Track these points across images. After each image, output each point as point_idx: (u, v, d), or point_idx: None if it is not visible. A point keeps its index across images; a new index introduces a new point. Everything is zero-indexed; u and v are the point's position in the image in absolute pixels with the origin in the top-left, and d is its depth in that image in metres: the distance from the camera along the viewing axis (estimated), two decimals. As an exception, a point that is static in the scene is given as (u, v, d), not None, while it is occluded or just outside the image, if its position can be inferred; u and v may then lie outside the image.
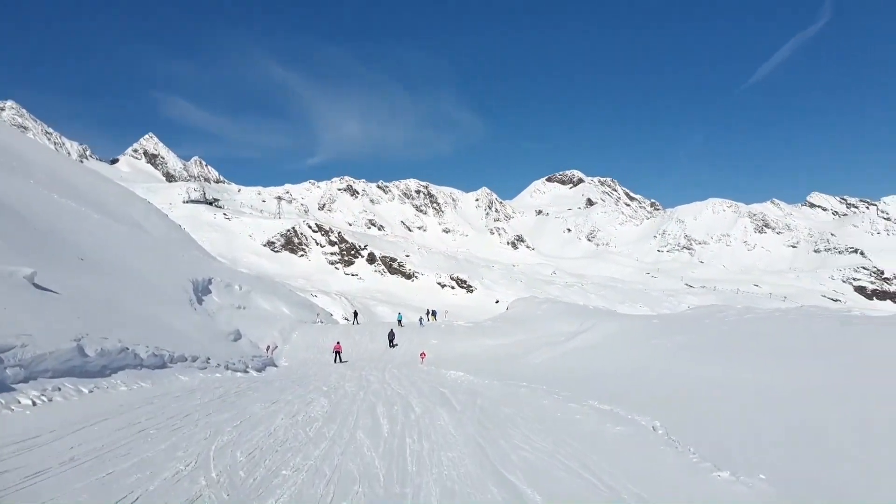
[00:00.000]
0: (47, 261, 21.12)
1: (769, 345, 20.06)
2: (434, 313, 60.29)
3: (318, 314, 56.07)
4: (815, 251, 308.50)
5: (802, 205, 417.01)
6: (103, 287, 21.63)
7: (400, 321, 57.73)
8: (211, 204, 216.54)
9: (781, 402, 13.98)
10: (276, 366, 29.64)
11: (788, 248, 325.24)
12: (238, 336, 30.11)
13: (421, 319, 54.78)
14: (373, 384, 20.04)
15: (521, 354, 31.71)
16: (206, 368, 19.63)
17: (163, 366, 17.12)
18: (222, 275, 42.40)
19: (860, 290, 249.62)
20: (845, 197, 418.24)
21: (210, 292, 36.09)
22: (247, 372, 23.10)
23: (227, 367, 21.39)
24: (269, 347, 33.08)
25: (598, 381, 20.28)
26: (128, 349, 15.74)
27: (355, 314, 69.66)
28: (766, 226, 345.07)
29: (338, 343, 35.32)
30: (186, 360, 18.93)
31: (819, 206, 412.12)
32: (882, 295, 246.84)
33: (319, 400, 15.16)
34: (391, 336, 41.88)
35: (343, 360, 34.10)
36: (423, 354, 33.03)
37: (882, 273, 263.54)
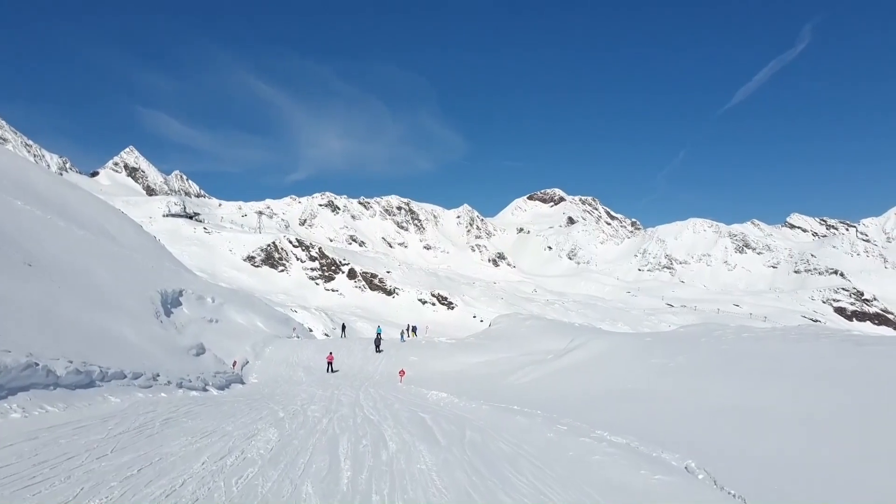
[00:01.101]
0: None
1: (780, 366, 18.48)
2: (415, 329, 58.79)
3: (293, 329, 54.90)
4: (796, 272, 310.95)
5: (782, 226, 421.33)
6: (43, 295, 19.69)
7: (379, 334, 56.74)
8: (191, 218, 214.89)
9: (827, 433, 12.32)
10: (242, 383, 27.88)
11: (769, 268, 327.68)
12: (201, 350, 28.10)
13: (402, 334, 53.73)
14: (343, 407, 17.97)
15: (507, 373, 30.06)
16: (150, 387, 17.15)
17: (89, 384, 14.42)
18: (194, 287, 40.95)
19: (840, 311, 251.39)
20: (825, 218, 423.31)
21: (180, 304, 34.64)
22: (205, 390, 21.18)
23: (179, 385, 19.27)
24: (235, 363, 31.11)
25: (599, 405, 18.31)
26: (37, 364, 12.78)
27: (343, 327, 68.97)
28: (747, 246, 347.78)
29: (330, 354, 37.15)
30: (126, 377, 16.25)
31: (799, 227, 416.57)
32: (861, 316, 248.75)
33: (267, 431, 12.29)
34: (377, 342, 44.13)
35: (335, 370, 35.83)
36: (402, 372, 31.25)
37: (861, 294, 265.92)
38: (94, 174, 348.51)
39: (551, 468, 10.88)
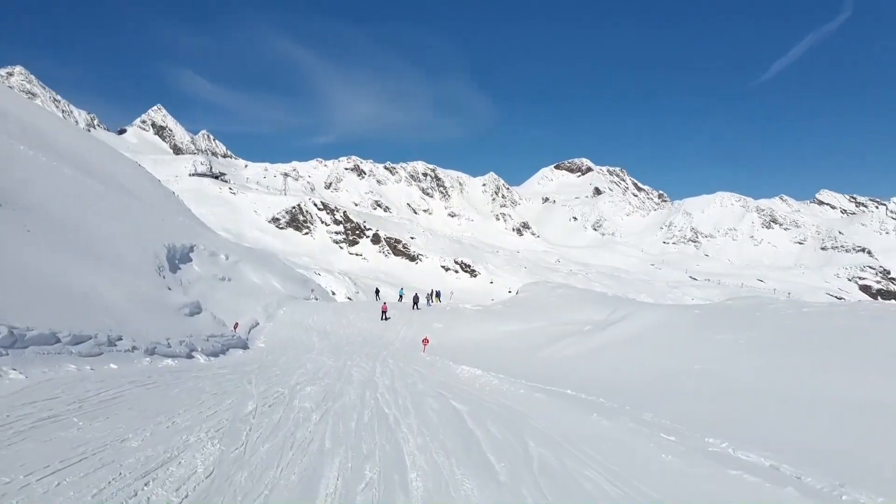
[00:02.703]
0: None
1: (878, 350, 15.31)
2: (438, 294, 55.63)
3: (312, 290, 53.56)
4: (822, 248, 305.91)
5: (811, 202, 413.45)
6: (8, 244, 17.53)
7: (401, 297, 55.17)
8: (217, 178, 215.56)
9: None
10: (246, 347, 25.16)
11: (795, 244, 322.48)
12: (197, 310, 25.05)
13: (428, 298, 51.65)
14: (351, 388, 14.41)
15: (543, 344, 26.95)
16: (98, 355, 13.72)
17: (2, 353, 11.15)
18: (207, 243, 39.46)
19: (865, 288, 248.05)
20: (855, 196, 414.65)
21: (190, 260, 33.05)
22: (190, 357, 18.24)
23: (150, 352, 16.01)
24: (237, 325, 28.38)
25: (676, 391, 14.43)
26: None
27: (377, 292, 68.95)
28: (774, 221, 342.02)
29: (385, 304, 41.28)
30: (58, 341, 12.97)
31: (828, 204, 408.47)
32: (887, 294, 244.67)
33: (203, 449, 7.88)
34: (415, 299, 45.75)
35: (388, 317, 38.83)
36: (425, 341, 28.14)
37: (888, 273, 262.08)
38: (122, 132, 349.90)
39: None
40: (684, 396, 14.06)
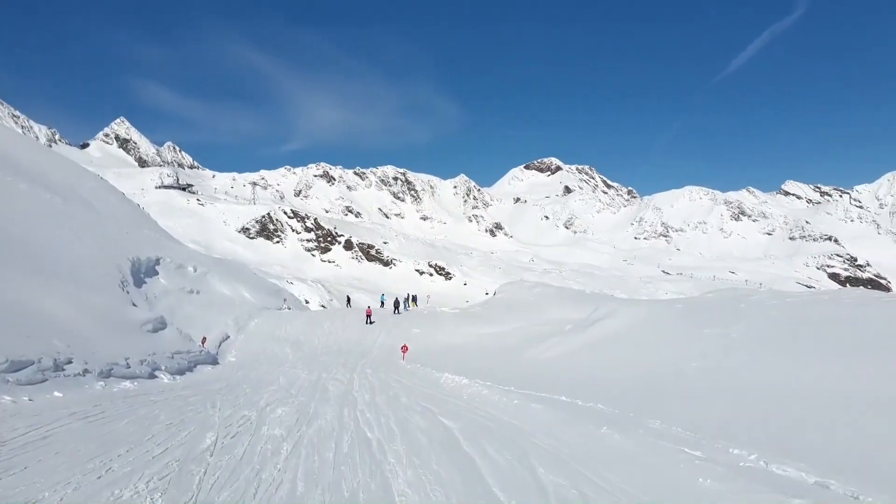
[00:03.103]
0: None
1: (872, 339, 14.68)
2: (415, 299, 53.92)
3: (284, 300, 52.36)
4: (790, 238, 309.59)
5: (777, 193, 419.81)
6: None
7: (383, 304, 54.01)
8: (184, 189, 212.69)
9: None
10: (215, 363, 24.03)
11: (764, 235, 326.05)
12: (161, 325, 23.56)
13: (405, 302, 50.15)
14: (327, 410, 12.73)
15: (524, 346, 26.16)
16: (42, 382, 12.48)
17: None
18: (174, 255, 38.14)
19: (834, 276, 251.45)
20: (819, 185, 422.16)
21: (156, 274, 31.78)
22: (153, 377, 16.69)
23: (105, 375, 14.46)
24: (204, 340, 27.09)
25: (677, 395, 13.56)
26: None
27: (348, 300, 69.40)
28: (742, 213, 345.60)
29: (369, 308, 42.52)
30: None
31: (793, 195, 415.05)
32: (855, 282, 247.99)
33: None
34: (396, 304, 46.30)
35: (372, 321, 39.25)
36: (404, 348, 27.03)
37: (855, 260, 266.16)
38: (85, 146, 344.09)
39: None
40: (687, 398, 13.11)
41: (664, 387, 14.48)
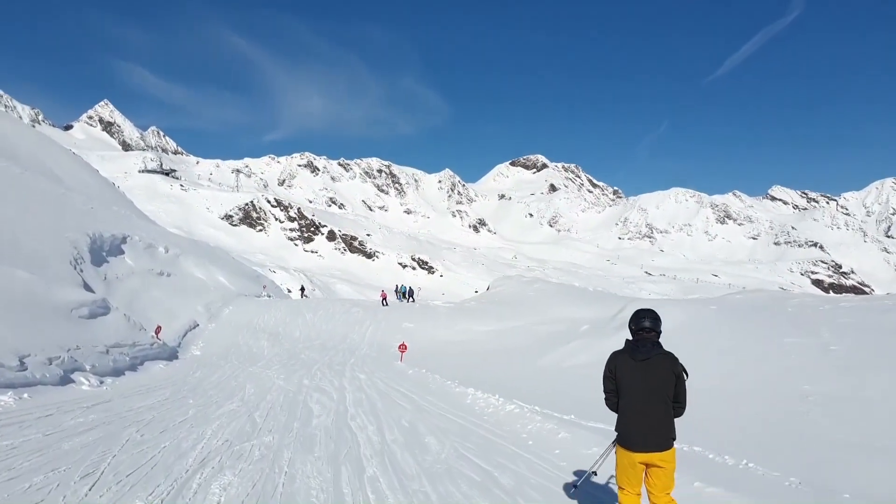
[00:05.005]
0: None
1: None
2: (411, 292, 49.02)
3: (264, 287, 49.60)
4: (775, 243, 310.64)
5: (764, 197, 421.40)
6: None
7: (404, 294, 49.03)
8: (168, 175, 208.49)
9: None
10: (173, 358, 20.46)
11: (749, 239, 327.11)
12: (102, 310, 18.84)
13: (405, 295, 46.86)
14: (310, 471, 7.21)
15: (536, 348, 22.97)
16: None
17: None
18: (144, 234, 35.29)
19: (817, 283, 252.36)
20: (806, 191, 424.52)
21: (122, 253, 29.11)
22: (66, 382, 12.56)
23: None
24: (159, 329, 22.86)
25: (808, 436, 9.47)
26: None
27: (302, 290, 66.00)
28: (728, 217, 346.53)
29: (383, 291, 44.72)
30: None
31: (780, 200, 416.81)
32: (838, 288, 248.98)
33: None
34: (409, 293, 47.01)
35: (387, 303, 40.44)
36: (402, 347, 23.36)
37: (840, 267, 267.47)
38: (68, 127, 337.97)
39: None
40: (853, 447, 8.61)
41: (789, 422, 10.18)
